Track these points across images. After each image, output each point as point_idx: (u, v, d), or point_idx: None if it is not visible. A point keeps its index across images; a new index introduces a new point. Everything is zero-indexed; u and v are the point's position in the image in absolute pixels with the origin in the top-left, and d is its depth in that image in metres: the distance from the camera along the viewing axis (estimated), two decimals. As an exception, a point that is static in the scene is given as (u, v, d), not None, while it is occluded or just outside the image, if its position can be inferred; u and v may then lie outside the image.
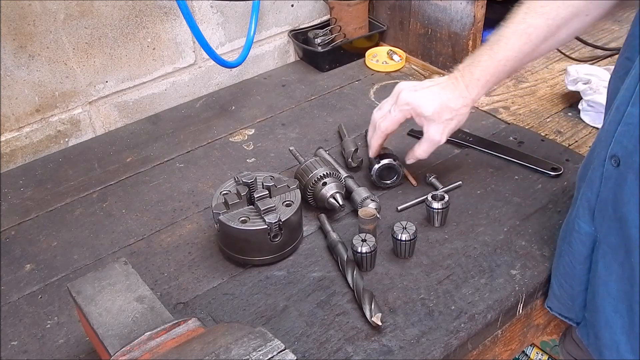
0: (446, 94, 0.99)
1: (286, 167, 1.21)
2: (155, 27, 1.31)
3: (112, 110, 1.34)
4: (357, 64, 1.55)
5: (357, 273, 0.91)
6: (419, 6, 1.46)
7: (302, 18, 1.56)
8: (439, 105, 0.98)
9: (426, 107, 0.99)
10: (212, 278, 0.97)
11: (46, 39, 1.18)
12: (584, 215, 0.83)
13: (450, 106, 0.99)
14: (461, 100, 0.99)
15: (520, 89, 1.41)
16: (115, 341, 0.72)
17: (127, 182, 1.19)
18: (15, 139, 1.23)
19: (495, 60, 0.96)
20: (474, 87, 0.98)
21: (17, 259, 1.03)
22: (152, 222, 1.09)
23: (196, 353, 0.64)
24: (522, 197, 1.09)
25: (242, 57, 1.35)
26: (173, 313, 0.89)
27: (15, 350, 0.88)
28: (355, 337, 0.86)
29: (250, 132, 1.32)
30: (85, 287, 0.78)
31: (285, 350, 0.63)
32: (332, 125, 1.33)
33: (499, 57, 0.95)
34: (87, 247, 1.05)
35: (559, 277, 0.92)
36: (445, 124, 1.00)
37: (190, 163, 1.24)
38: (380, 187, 1.11)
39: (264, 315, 0.90)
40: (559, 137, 1.25)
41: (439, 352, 0.84)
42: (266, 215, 0.93)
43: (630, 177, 0.73)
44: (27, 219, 1.11)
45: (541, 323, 1.06)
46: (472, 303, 0.90)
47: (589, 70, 1.31)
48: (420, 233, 0.99)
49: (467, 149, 1.21)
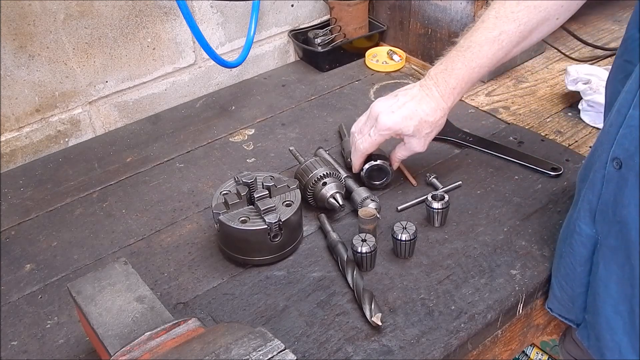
0: (423, 109, 0.99)
1: (286, 167, 1.21)
2: (155, 27, 1.31)
3: (112, 110, 1.34)
4: (357, 64, 1.55)
5: (357, 273, 0.91)
6: (419, 6, 1.46)
7: (302, 18, 1.56)
8: (418, 122, 1.00)
9: (406, 128, 1.00)
10: (212, 278, 0.97)
11: (46, 39, 1.18)
12: (585, 217, 0.83)
13: (429, 120, 1.00)
14: (438, 112, 1.00)
15: (520, 89, 1.41)
16: (115, 341, 0.72)
17: (127, 182, 1.19)
18: (15, 139, 1.23)
19: (469, 68, 0.96)
20: (450, 95, 0.99)
21: (17, 259, 1.03)
22: (152, 222, 1.09)
23: (196, 353, 0.64)
24: (522, 197, 1.09)
25: (242, 57, 1.35)
26: (173, 313, 0.89)
27: (15, 350, 0.88)
28: (355, 337, 0.86)
29: (250, 132, 1.32)
30: (85, 287, 0.78)
31: (285, 350, 0.63)
32: (332, 125, 1.33)
33: (472, 64, 0.96)
34: (87, 247, 1.05)
35: (560, 279, 0.92)
36: (425, 137, 1.03)
37: (190, 163, 1.24)
38: (370, 187, 1.10)
39: (264, 315, 0.90)
40: (559, 137, 1.25)
41: (439, 352, 0.84)
42: (266, 215, 0.93)
43: (632, 180, 0.73)
44: (27, 219, 1.11)
45: (541, 323, 1.06)
46: (472, 303, 0.90)
47: (589, 70, 1.31)
48: (420, 233, 0.99)
49: (467, 149, 1.21)
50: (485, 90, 1.41)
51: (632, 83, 0.74)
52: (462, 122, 1.28)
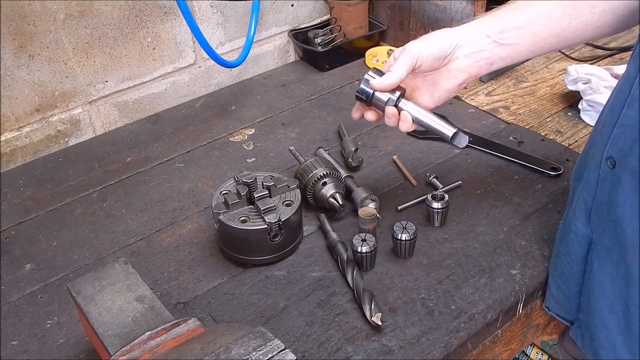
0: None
1: (286, 167, 1.21)
2: (155, 27, 1.31)
3: (112, 110, 1.34)
4: (357, 64, 1.55)
5: (357, 273, 0.91)
6: (419, 6, 1.46)
7: (302, 18, 1.56)
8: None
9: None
10: (212, 278, 0.97)
11: (46, 39, 1.18)
12: (581, 216, 0.84)
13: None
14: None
15: (520, 88, 1.41)
16: (115, 341, 0.72)
17: (127, 182, 1.19)
18: (15, 139, 1.23)
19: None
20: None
21: (17, 259, 1.03)
22: (152, 222, 1.09)
23: (196, 353, 0.64)
24: (522, 197, 1.09)
25: (242, 57, 1.35)
26: (173, 313, 0.89)
27: (15, 350, 0.88)
28: (355, 337, 0.86)
29: (250, 132, 1.32)
30: (85, 287, 0.78)
31: (285, 350, 0.63)
32: (332, 125, 1.33)
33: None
34: (87, 247, 1.05)
35: (557, 278, 0.92)
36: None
37: (190, 163, 1.24)
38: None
39: (264, 315, 0.90)
40: (559, 137, 1.25)
41: (439, 351, 0.84)
42: (266, 215, 0.93)
43: (625, 179, 0.73)
44: (27, 218, 1.11)
45: (541, 323, 1.06)
46: (472, 303, 0.90)
47: (589, 70, 1.31)
48: (420, 233, 0.99)
49: (467, 148, 1.21)
50: (485, 90, 1.40)
51: (625, 82, 0.74)
52: (462, 122, 1.28)
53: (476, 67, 0.89)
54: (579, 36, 0.88)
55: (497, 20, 0.89)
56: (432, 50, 0.88)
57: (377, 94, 0.91)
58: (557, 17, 0.86)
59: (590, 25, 0.86)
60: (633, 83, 0.72)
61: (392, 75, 0.89)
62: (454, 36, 0.89)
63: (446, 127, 0.91)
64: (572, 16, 0.86)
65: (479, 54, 0.88)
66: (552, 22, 0.87)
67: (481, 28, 0.89)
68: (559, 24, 0.86)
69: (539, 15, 0.87)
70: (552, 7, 0.86)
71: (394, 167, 1.18)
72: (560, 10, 0.86)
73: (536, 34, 0.87)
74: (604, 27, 0.86)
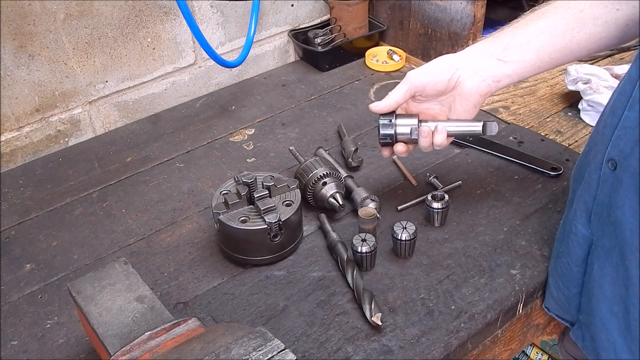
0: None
1: (286, 167, 1.21)
2: (155, 27, 1.31)
3: (112, 110, 1.34)
4: (357, 64, 1.55)
5: (357, 273, 0.91)
6: (419, 6, 1.46)
7: (302, 18, 1.56)
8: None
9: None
10: (212, 278, 0.97)
11: (46, 39, 1.18)
12: (581, 217, 0.83)
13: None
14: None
15: (520, 88, 1.41)
16: (115, 341, 0.72)
17: (127, 182, 1.19)
18: (15, 139, 1.23)
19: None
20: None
21: (17, 259, 1.03)
22: (152, 222, 1.09)
23: (196, 353, 0.64)
24: (522, 197, 1.09)
25: (242, 57, 1.35)
26: (173, 313, 0.89)
27: (15, 350, 0.88)
28: (355, 337, 0.86)
29: (250, 132, 1.32)
30: (85, 287, 0.78)
31: (285, 350, 0.63)
32: (332, 125, 1.33)
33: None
34: (87, 247, 1.05)
35: (557, 279, 0.92)
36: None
37: (190, 163, 1.24)
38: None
39: (264, 315, 0.90)
40: (559, 137, 1.25)
41: (439, 351, 0.84)
42: (266, 215, 0.93)
43: (626, 181, 0.73)
44: (27, 218, 1.11)
45: (541, 323, 1.06)
46: (472, 303, 0.90)
47: (589, 70, 1.31)
48: (420, 233, 0.99)
49: (467, 148, 1.21)
50: (485, 90, 1.40)
51: (626, 84, 0.74)
52: (462, 122, 1.28)
53: (484, 86, 0.90)
54: (584, 48, 0.88)
55: (499, 40, 0.90)
56: (432, 76, 0.91)
57: (399, 129, 0.92)
58: (559, 31, 0.87)
59: (593, 37, 0.87)
60: (635, 85, 0.72)
61: (388, 98, 0.92)
62: (455, 60, 0.91)
63: (473, 124, 0.93)
64: (575, 29, 0.86)
65: (484, 72, 0.89)
66: (555, 37, 0.87)
67: (483, 49, 0.91)
68: (562, 38, 0.87)
69: (541, 31, 0.88)
70: (554, 22, 0.87)
71: (394, 167, 1.18)
72: (563, 24, 0.87)
73: (540, 49, 0.88)
74: (608, 39, 0.87)
